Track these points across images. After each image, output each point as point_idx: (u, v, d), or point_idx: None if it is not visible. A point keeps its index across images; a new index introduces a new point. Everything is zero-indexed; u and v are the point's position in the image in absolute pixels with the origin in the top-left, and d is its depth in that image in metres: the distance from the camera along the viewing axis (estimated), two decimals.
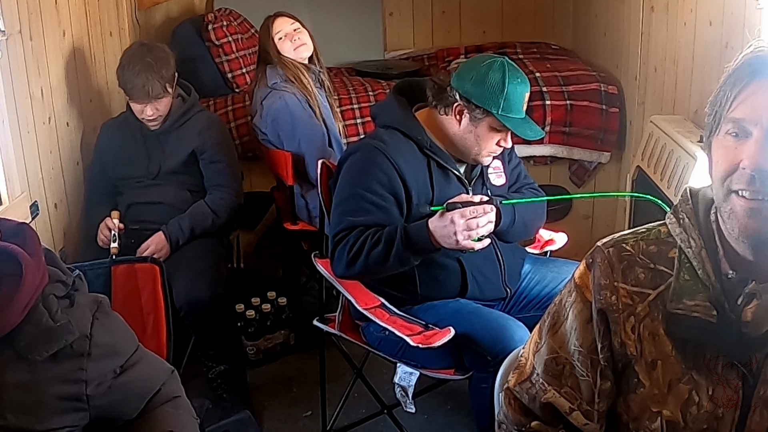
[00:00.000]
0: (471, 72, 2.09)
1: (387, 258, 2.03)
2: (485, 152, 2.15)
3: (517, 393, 1.28)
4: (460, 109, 2.11)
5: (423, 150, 2.14)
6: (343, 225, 2.10)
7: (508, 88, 2.05)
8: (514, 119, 2.08)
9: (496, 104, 2.05)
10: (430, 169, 2.14)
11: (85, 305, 1.39)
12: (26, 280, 1.29)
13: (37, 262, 1.33)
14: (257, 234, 3.54)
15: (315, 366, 2.67)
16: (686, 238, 1.15)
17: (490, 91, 2.05)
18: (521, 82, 2.09)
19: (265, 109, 2.94)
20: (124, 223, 2.69)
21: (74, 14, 2.83)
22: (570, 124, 3.45)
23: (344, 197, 2.13)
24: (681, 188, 2.40)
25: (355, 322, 2.32)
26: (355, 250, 2.05)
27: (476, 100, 2.07)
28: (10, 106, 2.25)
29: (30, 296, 1.30)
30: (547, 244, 2.45)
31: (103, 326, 1.39)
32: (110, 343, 1.40)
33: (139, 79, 2.64)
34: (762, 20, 2.18)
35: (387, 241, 2.02)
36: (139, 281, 1.74)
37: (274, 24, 2.99)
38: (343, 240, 2.08)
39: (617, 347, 1.17)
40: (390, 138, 2.14)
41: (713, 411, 1.13)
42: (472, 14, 4.50)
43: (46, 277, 1.35)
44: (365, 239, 2.05)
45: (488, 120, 2.09)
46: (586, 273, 1.21)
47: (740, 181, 1.05)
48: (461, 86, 2.09)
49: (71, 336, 1.32)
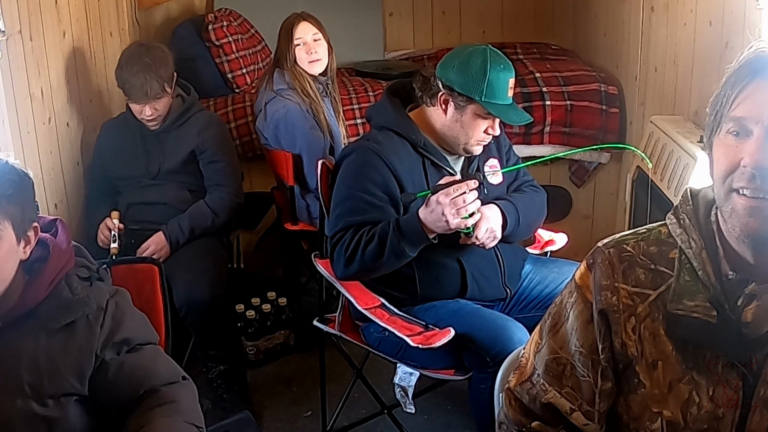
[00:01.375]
0: (454, 60, 2.11)
1: (382, 253, 2.04)
2: (473, 140, 2.16)
3: (517, 393, 1.28)
4: (445, 98, 2.12)
5: (417, 149, 2.15)
6: (340, 226, 2.11)
7: (491, 74, 2.06)
8: (498, 105, 2.09)
9: (479, 91, 2.06)
10: (425, 168, 2.15)
11: (105, 288, 1.56)
12: (51, 260, 1.48)
13: (64, 249, 1.52)
14: (257, 234, 3.53)
15: (315, 366, 2.67)
16: (687, 239, 1.15)
17: (473, 77, 2.06)
18: (504, 68, 2.09)
19: (269, 115, 2.93)
20: (123, 223, 2.69)
21: (74, 14, 2.83)
22: (570, 125, 3.45)
23: (341, 199, 2.15)
24: (681, 188, 2.41)
25: (355, 322, 2.32)
26: (351, 248, 2.07)
27: (459, 87, 2.08)
28: (10, 106, 2.25)
29: (54, 275, 1.47)
30: (548, 245, 2.45)
31: (118, 306, 1.54)
32: (122, 321, 1.53)
33: (137, 80, 2.64)
34: (762, 20, 2.18)
35: (381, 236, 2.04)
36: (138, 281, 1.74)
37: (297, 29, 2.96)
38: (340, 241, 2.10)
39: (618, 348, 1.18)
40: (384, 138, 2.15)
41: (713, 411, 1.13)
42: (472, 14, 4.50)
43: (72, 261, 1.53)
44: (360, 237, 2.07)
45: (472, 107, 2.10)
46: (587, 273, 1.21)
47: (741, 180, 1.05)
48: (444, 75, 2.11)
49: (88, 309, 1.49)
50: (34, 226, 1.49)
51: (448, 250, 2.15)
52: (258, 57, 3.80)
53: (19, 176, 1.47)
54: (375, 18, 4.52)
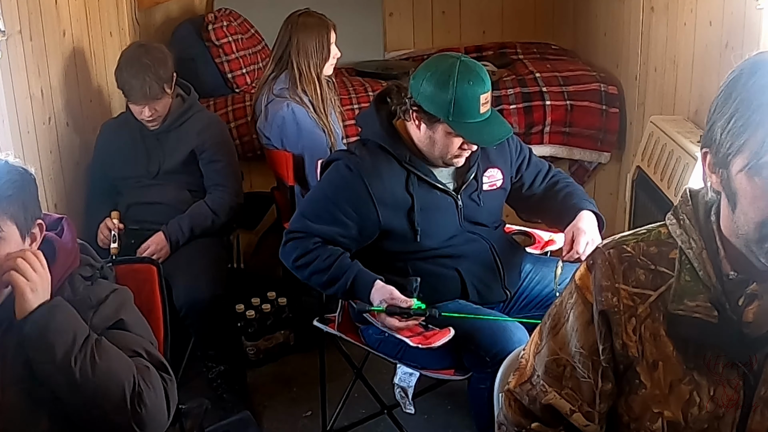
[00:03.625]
0: (424, 75, 2.02)
1: (326, 287, 2.11)
2: (450, 156, 2.08)
3: (517, 394, 1.28)
4: (417, 115, 2.06)
5: (402, 164, 2.10)
6: (300, 226, 2.13)
7: (456, 93, 1.96)
8: (468, 124, 2.00)
9: (445, 111, 1.98)
10: (408, 183, 2.10)
11: (107, 286, 1.57)
12: (57, 263, 1.49)
13: (70, 249, 1.54)
14: (257, 234, 3.53)
15: (315, 366, 2.67)
16: (687, 239, 1.15)
17: (439, 96, 1.98)
18: (473, 83, 1.98)
19: (270, 115, 2.92)
20: (123, 223, 2.69)
21: (74, 14, 2.83)
22: (570, 125, 3.45)
23: (313, 198, 2.18)
24: (681, 188, 2.40)
25: (355, 323, 2.31)
26: (301, 261, 2.10)
27: (426, 106, 2.01)
28: (10, 106, 2.25)
29: (59, 277, 1.48)
30: (548, 245, 2.45)
31: (116, 299, 1.54)
32: (117, 310, 1.53)
33: (136, 81, 2.63)
34: (762, 20, 2.18)
35: (333, 276, 2.06)
36: (137, 282, 1.75)
37: (331, 34, 2.93)
38: (294, 240, 2.12)
39: (618, 348, 1.17)
40: (368, 154, 2.11)
41: (714, 411, 1.13)
42: (472, 14, 4.50)
43: (77, 261, 1.54)
44: (314, 257, 2.08)
45: (442, 126, 2.02)
46: (587, 274, 1.21)
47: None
48: (415, 90, 2.04)
49: (90, 310, 1.48)
50: (39, 223, 1.50)
51: (446, 260, 2.15)
52: (258, 57, 3.79)
53: (19, 175, 1.48)
54: (375, 18, 4.52)
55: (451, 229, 2.16)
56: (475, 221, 2.20)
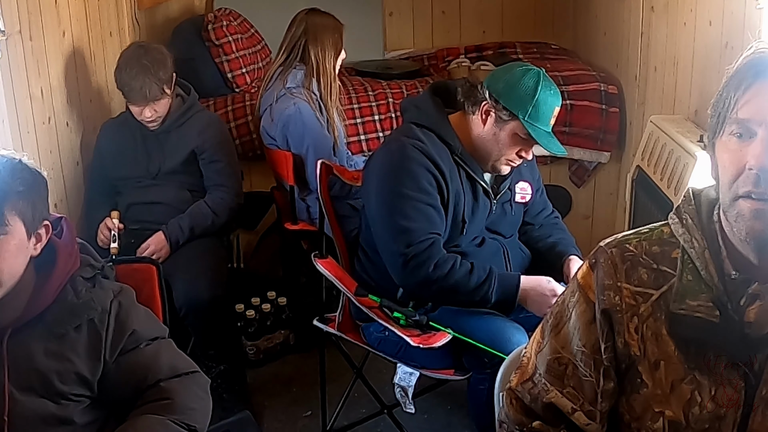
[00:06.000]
0: (506, 74, 2.06)
1: (470, 296, 2.03)
2: (504, 159, 2.10)
3: (518, 393, 1.28)
4: (487, 109, 2.07)
5: (454, 156, 2.10)
6: (411, 239, 2.02)
7: (540, 95, 2.01)
8: (539, 129, 2.04)
9: (524, 109, 2.01)
10: (460, 177, 2.11)
11: (109, 288, 1.58)
12: (59, 266, 1.51)
13: (70, 250, 1.55)
14: (257, 234, 3.53)
15: (315, 366, 2.67)
16: (689, 239, 1.15)
17: (521, 94, 2.01)
18: (554, 94, 2.05)
19: (277, 114, 2.89)
20: (123, 223, 2.68)
21: (74, 14, 2.82)
22: (570, 124, 3.45)
23: (390, 200, 2.06)
24: (681, 188, 2.41)
25: (356, 322, 2.32)
26: (438, 275, 2.02)
27: (504, 101, 2.03)
28: (10, 106, 2.24)
29: (61, 281, 1.50)
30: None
31: (122, 306, 1.56)
32: (125, 322, 1.55)
33: (136, 82, 2.63)
34: (762, 20, 2.19)
35: (477, 285, 2.02)
36: (137, 281, 1.75)
37: (343, 35, 2.94)
38: (422, 253, 2.02)
39: (621, 348, 1.17)
40: (426, 138, 2.09)
41: (715, 411, 1.13)
42: (472, 14, 4.50)
43: (77, 263, 1.55)
44: (451, 268, 2.02)
45: (513, 124, 2.04)
46: (589, 273, 1.21)
47: (746, 184, 1.05)
48: (493, 86, 2.06)
49: (93, 312, 1.51)
50: (45, 224, 1.51)
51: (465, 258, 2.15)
52: (258, 57, 3.79)
53: (32, 175, 1.49)
54: (375, 18, 4.52)
55: (476, 230, 2.17)
56: (495, 230, 2.21)
